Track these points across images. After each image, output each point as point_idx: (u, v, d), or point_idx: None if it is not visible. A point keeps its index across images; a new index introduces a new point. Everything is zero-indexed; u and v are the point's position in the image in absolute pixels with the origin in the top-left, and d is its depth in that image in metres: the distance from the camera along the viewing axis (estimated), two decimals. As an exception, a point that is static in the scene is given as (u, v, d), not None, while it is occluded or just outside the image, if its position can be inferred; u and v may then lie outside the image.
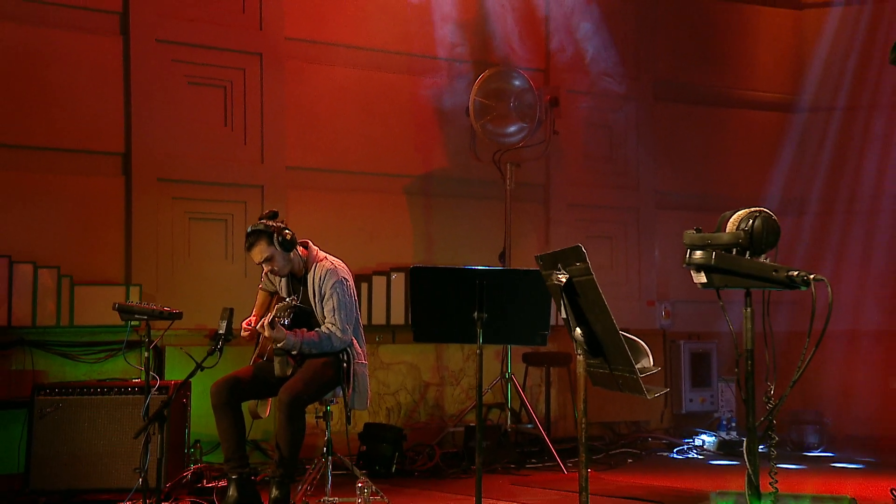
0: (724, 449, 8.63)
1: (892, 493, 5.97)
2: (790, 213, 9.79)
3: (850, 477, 7.47)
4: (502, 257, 8.25)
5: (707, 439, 8.86)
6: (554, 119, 8.62)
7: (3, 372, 6.85)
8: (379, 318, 8.17)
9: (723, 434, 8.88)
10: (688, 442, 8.85)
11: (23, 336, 6.91)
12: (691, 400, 9.41)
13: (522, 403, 8.19)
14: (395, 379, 8.39)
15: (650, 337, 9.38)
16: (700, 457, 8.52)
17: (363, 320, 7.96)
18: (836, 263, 9.33)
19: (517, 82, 8.36)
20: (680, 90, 10.00)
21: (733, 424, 9.11)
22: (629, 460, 8.28)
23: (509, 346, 8.11)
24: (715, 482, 6.11)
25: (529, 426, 8.16)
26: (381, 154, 8.47)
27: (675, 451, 8.73)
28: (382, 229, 8.48)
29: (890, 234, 8.76)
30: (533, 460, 7.91)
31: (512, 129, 8.37)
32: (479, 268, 5.02)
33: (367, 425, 7.64)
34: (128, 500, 5.56)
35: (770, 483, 3.43)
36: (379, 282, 8.19)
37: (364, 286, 8.15)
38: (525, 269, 5.08)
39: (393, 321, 8.17)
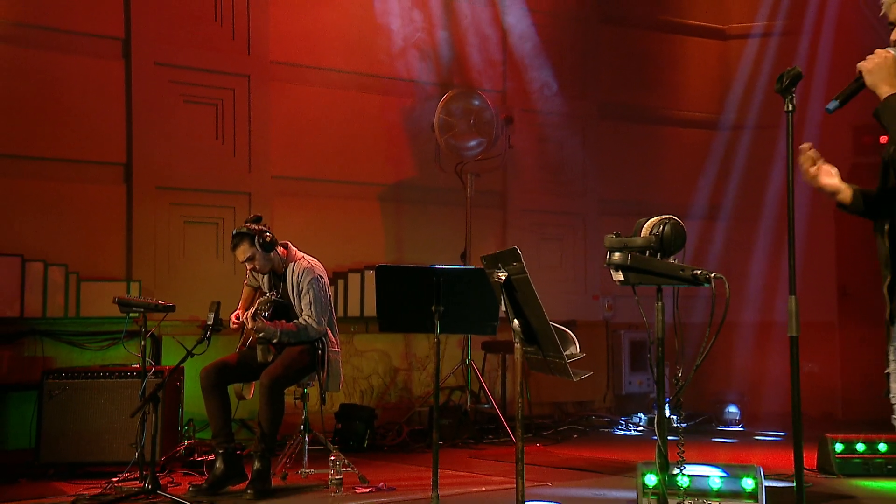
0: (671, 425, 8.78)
1: (797, 461, 6.09)
2: (714, 217, 9.93)
3: (763, 448, 7.55)
4: (463, 257, 8.29)
5: (644, 417, 8.97)
6: (509, 135, 8.70)
7: (16, 358, 6.86)
8: (354, 310, 8.20)
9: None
10: (627, 420, 8.95)
11: (34, 326, 6.93)
12: (630, 382, 9.52)
13: (481, 386, 8.22)
14: (369, 365, 8.40)
15: (595, 327, 9.53)
16: (637, 433, 8.61)
17: (340, 312, 8.03)
18: (752, 262, 9.43)
19: (476, 102, 8.39)
20: (621, 110, 10.03)
21: (667, 404, 9.22)
22: (574, 436, 8.35)
23: (469, 336, 8.16)
24: (644, 454, 6.18)
25: (487, 406, 8.20)
26: (356, 165, 8.48)
27: (615, 428, 8.84)
28: (358, 232, 8.48)
29: (797, 238, 8.91)
30: (490, 436, 7.95)
31: (472, 143, 8.39)
32: (437, 266, 5.08)
33: (342, 405, 7.66)
34: (126, 472, 5.54)
35: (678, 453, 3.52)
36: (354, 278, 8.22)
37: (341, 282, 8.19)
38: (477, 267, 5.13)
39: (366, 313, 8.17)
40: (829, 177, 3.30)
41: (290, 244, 5.92)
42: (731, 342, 9.07)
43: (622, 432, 8.69)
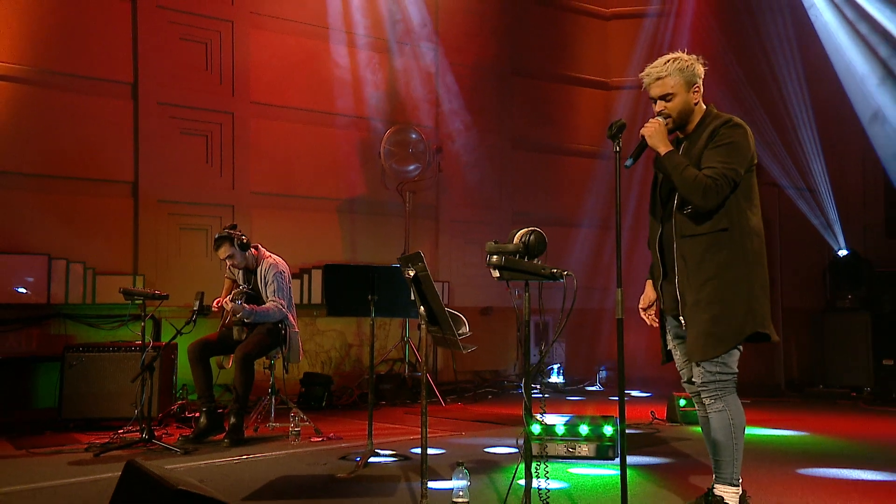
0: (551, 387, 8.98)
1: (651, 414, 6.32)
2: (599, 226, 10.00)
3: (628, 405, 7.56)
4: (403, 257, 8.38)
5: (556, 381, 9.14)
6: (440, 161, 8.81)
7: (44, 336, 6.86)
8: (316, 298, 8.22)
9: (553, 377, 9.18)
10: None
11: (58, 311, 6.93)
12: (534, 354, 9.59)
13: (417, 358, 8.34)
14: (328, 341, 8.44)
15: (508, 312, 9.52)
16: (537, 394, 8.71)
17: (305, 300, 8.09)
18: (626, 262, 9.55)
19: (413, 135, 8.48)
20: (529, 143, 10.10)
21: (562, 371, 9.39)
22: (489, 396, 8.45)
23: (407, 318, 8.23)
24: (537, 409, 6.33)
25: (421, 374, 8.31)
26: (319, 183, 8.50)
27: (521, 390, 8.91)
28: (320, 236, 8.50)
29: (641, 240, 9.09)
30: None
31: (410, 167, 8.46)
32: (372, 265, 5.19)
33: (305, 374, 7.70)
34: (129, 425, 5.62)
35: (541, 407, 3.65)
36: (317, 273, 8.23)
37: (306, 276, 8.22)
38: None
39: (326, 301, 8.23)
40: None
41: (259, 246, 5.99)
42: (605, 323, 9.21)
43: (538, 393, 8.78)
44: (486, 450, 5.34)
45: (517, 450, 5.01)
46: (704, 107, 3.40)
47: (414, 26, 9.13)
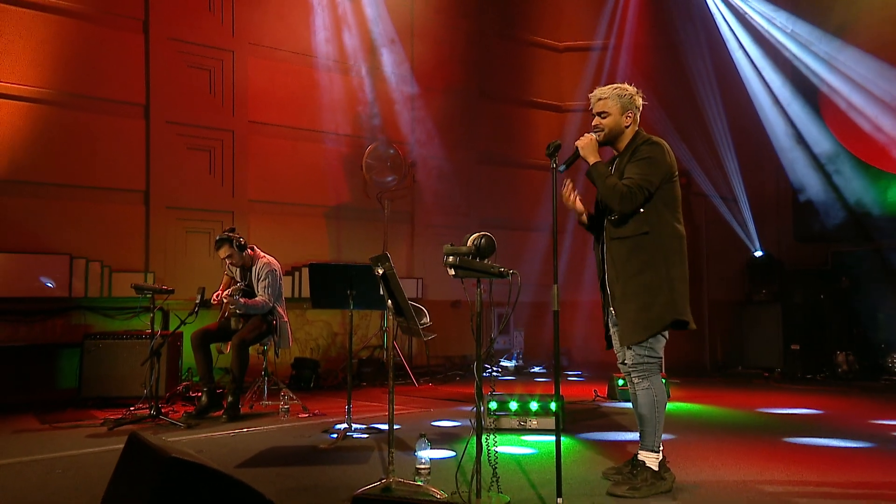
0: (510, 371, 9.05)
1: (595, 392, 6.40)
2: (550, 230, 10.13)
3: (571, 384, 7.76)
4: (383, 257, 8.40)
5: (506, 364, 9.23)
6: (414, 173, 8.88)
7: (66, 325, 6.84)
8: (305, 293, 8.18)
9: (513, 361, 9.25)
10: (492, 366, 9.19)
11: (79, 303, 6.92)
12: (497, 342, 9.69)
13: (394, 345, 8.37)
14: (316, 330, 8.45)
15: (474, 305, 9.67)
16: (498, 375, 8.83)
17: (295, 294, 8.07)
18: (572, 261, 9.59)
19: (391, 151, 8.54)
20: (493, 157, 10.15)
21: (521, 355, 9.46)
22: (457, 378, 8.47)
23: (385, 309, 8.24)
24: (499, 389, 6.39)
25: (398, 359, 8.38)
26: (309, 192, 8.50)
27: (487, 372, 8.91)
28: (309, 239, 8.50)
29: (577, 243, 9.35)
30: (400, 380, 7.94)
31: (389, 178, 8.53)
32: (351, 264, 5.22)
33: (296, 359, 7.71)
34: (139, 403, 5.63)
35: (491, 387, 3.70)
36: (305, 271, 8.20)
37: (297, 274, 8.24)
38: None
39: (315, 295, 8.24)
40: (579, 203, 3.54)
41: (255, 247, 6.00)
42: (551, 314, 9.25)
43: (495, 374, 8.87)
44: (450, 423, 5.38)
45: (469, 422, 5.06)
46: (636, 129, 3.50)
47: (392, 55, 9.17)
